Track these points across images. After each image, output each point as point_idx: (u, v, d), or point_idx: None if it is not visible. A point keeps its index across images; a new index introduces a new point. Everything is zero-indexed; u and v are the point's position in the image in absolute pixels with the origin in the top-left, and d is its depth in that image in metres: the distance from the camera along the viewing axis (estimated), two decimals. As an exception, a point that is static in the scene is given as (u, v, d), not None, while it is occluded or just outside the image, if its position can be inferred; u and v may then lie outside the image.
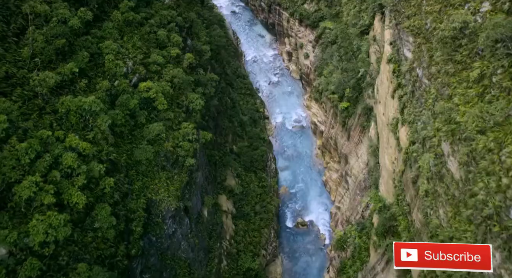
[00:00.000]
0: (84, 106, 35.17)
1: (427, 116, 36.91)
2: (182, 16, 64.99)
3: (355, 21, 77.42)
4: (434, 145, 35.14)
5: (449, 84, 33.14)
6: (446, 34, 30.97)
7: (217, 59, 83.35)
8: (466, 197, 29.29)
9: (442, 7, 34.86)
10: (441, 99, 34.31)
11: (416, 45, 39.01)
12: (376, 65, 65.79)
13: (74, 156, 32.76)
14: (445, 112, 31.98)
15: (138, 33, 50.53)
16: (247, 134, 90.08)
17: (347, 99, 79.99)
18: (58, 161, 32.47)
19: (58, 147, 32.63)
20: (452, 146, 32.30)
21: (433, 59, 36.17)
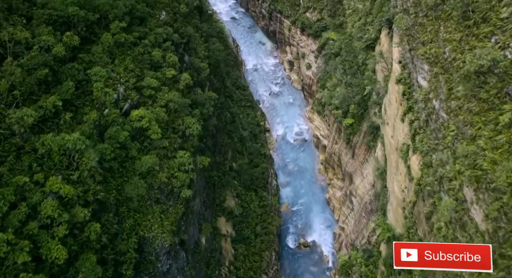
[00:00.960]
0: (67, 145, 31.77)
1: (445, 154, 33.49)
2: (179, 31, 61.63)
3: (360, 35, 73.99)
4: (454, 188, 31.78)
5: (473, 123, 29.75)
6: (471, 69, 27.56)
7: (216, 73, 79.99)
8: (496, 256, 25.90)
9: (464, 36, 31.45)
10: (462, 138, 30.92)
11: (433, 74, 35.61)
12: (384, 84, 62.41)
13: (55, 204, 29.37)
14: (469, 156, 28.58)
15: (131, 54, 47.13)
16: (247, 150, 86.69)
17: (351, 116, 76.64)
18: (36, 209, 29.06)
19: (37, 193, 29.22)
20: (476, 193, 28.92)
21: (452, 92, 32.78)
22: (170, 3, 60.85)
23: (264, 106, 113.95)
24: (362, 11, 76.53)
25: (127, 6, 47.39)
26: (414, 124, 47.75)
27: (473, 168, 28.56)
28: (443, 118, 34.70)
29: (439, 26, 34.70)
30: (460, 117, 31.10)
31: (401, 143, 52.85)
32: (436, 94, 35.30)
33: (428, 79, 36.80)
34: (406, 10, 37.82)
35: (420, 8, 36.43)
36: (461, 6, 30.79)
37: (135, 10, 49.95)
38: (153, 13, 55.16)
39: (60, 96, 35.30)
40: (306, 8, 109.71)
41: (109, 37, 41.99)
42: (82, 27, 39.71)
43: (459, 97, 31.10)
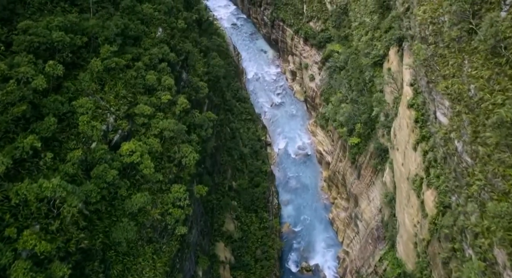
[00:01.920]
0: (45, 193, 28.13)
1: (470, 205, 29.80)
2: (177, 48, 58.03)
3: (367, 50, 70.33)
4: (482, 246, 28.18)
5: (505, 176, 26.13)
6: (506, 119, 23.92)
7: (215, 89, 76.38)
8: None
9: (493, 74, 27.84)
10: (492, 191, 27.28)
11: (455, 112, 31.97)
12: (393, 106, 58.77)
13: (28, 265, 25.72)
14: (504, 217, 24.93)
15: (123, 77, 43.48)
16: (247, 167, 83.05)
17: (357, 135, 72.97)
18: (5, 272, 25.43)
19: (7, 253, 25.57)
20: (511, 258, 25.30)
21: (479, 136, 29.14)
22: (167, 19, 57.25)
23: (265, 118, 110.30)
24: (370, 25, 72.89)
25: (119, 26, 43.73)
26: (429, 156, 44.19)
27: (507, 230, 24.95)
28: (467, 163, 31.05)
29: (463, 60, 31.08)
30: (490, 167, 27.46)
31: (413, 172, 49.24)
32: (459, 135, 31.66)
33: (449, 116, 33.16)
34: (424, 39, 34.30)
35: (441, 37, 32.85)
36: (491, 41, 27.15)
37: (128, 30, 46.32)
38: (149, 31, 51.52)
39: (40, 134, 31.64)
40: (310, 18, 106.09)
41: (98, 63, 38.34)
42: (68, 54, 36.07)
43: (489, 145, 27.48)
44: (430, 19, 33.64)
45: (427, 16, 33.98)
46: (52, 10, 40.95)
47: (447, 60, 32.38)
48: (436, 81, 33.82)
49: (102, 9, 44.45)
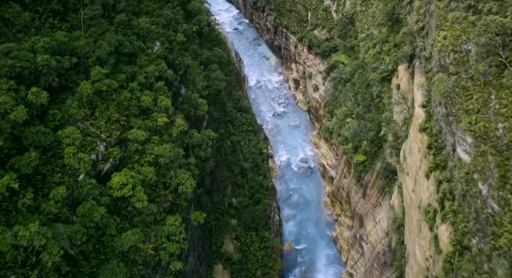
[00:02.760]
0: (21, 242, 25.08)
1: (498, 260, 26.66)
2: (175, 62, 55.04)
3: (375, 65, 67.20)
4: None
5: (541, 235, 23.04)
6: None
7: (216, 102, 73.30)
8: None
9: (527, 115, 24.67)
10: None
11: (479, 152, 28.82)
12: (403, 127, 55.65)
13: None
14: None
15: (116, 99, 40.40)
16: (248, 182, 79.93)
17: (363, 152, 69.81)
18: None
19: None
20: None
21: (509, 182, 26.02)
22: (166, 32, 54.18)
23: (267, 128, 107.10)
24: (378, 38, 69.72)
25: (113, 44, 40.62)
26: (443, 187, 41.13)
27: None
28: (493, 209, 27.93)
29: (490, 95, 27.97)
30: (522, 221, 24.39)
31: (425, 202, 46.11)
32: (484, 178, 28.53)
33: (472, 155, 30.02)
34: (444, 67, 31.22)
35: (463, 68, 29.75)
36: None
37: (123, 47, 43.23)
38: (145, 47, 48.44)
39: (20, 171, 28.56)
40: (314, 26, 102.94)
41: (87, 87, 35.21)
42: (54, 78, 33.00)
43: (521, 195, 24.42)
44: (452, 46, 30.59)
45: (448, 43, 30.94)
46: (39, 27, 37.87)
47: (471, 93, 29.26)
48: (457, 114, 30.70)
49: (95, 25, 41.28)
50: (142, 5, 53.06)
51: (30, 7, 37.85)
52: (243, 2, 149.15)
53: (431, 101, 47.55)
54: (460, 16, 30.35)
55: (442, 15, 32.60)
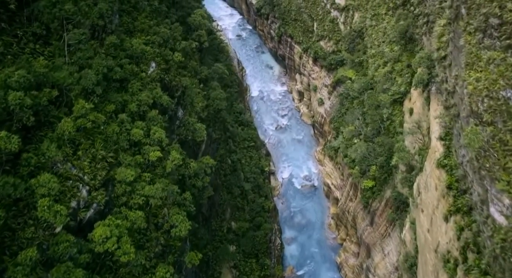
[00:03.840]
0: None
1: None
2: (172, 83, 50.98)
3: (386, 86, 63.03)
4: None
5: None
6: None
7: (216, 121, 69.15)
8: None
9: None
10: None
11: (520, 218, 24.57)
12: (418, 158, 51.42)
13: None
14: None
15: (103, 132, 36.30)
16: (248, 204, 75.84)
17: (372, 177, 65.60)
18: None
19: None
20: None
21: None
22: (162, 51, 50.07)
23: (269, 142, 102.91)
24: (389, 56, 65.49)
25: (101, 71, 36.50)
26: (465, 235, 37.01)
27: None
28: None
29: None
30: None
31: (443, 247, 41.89)
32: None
33: (510, 220, 25.79)
34: (476, 114, 27.11)
35: (501, 118, 25.56)
36: None
37: (113, 73, 39.10)
38: (139, 70, 44.28)
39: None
40: (320, 37, 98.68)
41: (69, 125, 31.14)
42: (29, 117, 28.95)
43: None
44: (487, 91, 26.48)
45: (482, 87, 26.81)
46: (18, 54, 33.76)
47: (510, 149, 25.04)
48: (492, 170, 26.48)
49: (82, 50, 37.11)
50: (137, 22, 48.97)
51: (7, 31, 33.75)
52: (246, 8, 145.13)
53: (450, 135, 43.49)
54: (498, 56, 26.26)
55: (474, 53, 28.50)
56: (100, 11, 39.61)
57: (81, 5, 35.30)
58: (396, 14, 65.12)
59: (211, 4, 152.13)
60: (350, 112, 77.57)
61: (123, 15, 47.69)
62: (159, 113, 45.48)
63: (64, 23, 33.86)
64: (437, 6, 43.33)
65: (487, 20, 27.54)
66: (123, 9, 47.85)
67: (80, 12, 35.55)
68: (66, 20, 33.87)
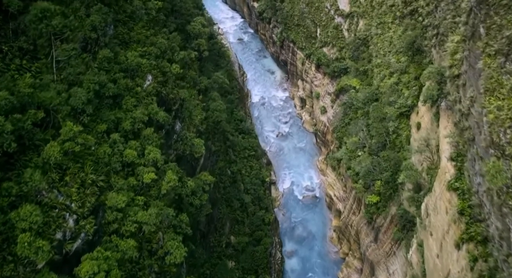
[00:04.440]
0: None
1: None
2: (170, 96, 48.72)
3: (392, 98, 60.67)
4: None
5: None
6: None
7: (215, 132, 66.86)
8: None
9: None
10: None
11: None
12: (426, 177, 49.05)
13: None
14: None
15: (94, 154, 34.02)
16: (248, 217, 73.56)
17: (376, 193, 63.26)
18: None
19: None
20: None
21: None
22: (159, 63, 47.77)
23: (270, 150, 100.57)
24: (396, 67, 63.12)
25: (92, 89, 34.21)
26: (480, 266, 34.71)
27: None
28: None
29: None
30: None
31: (454, 276, 39.60)
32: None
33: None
34: (497, 145, 24.72)
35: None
36: None
37: (105, 89, 36.80)
38: (134, 84, 41.99)
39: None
40: (324, 43, 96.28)
41: (55, 150, 28.85)
42: (11, 143, 26.69)
43: None
44: (510, 122, 24.16)
45: (505, 117, 24.49)
46: (3, 71, 31.47)
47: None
48: None
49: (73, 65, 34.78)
50: (133, 33, 46.68)
51: (-9, 47, 31.49)
52: (248, 11, 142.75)
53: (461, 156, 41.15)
54: (523, 84, 24.01)
55: (495, 78, 26.18)
56: (92, 24, 37.34)
57: (70, 20, 32.94)
58: (403, 23, 62.83)
59: (212, 7, 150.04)
60: (354, 123, 75.24)
61: (119, 26, 45.44)
62: (155, 128, 43.40)
63: (52, 38, 31.54)
64: (449, 20, 41.00)
65: (510, 44, 25.19)
66: (119, 19, 45.58)
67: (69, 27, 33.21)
68: (54, 36, 31.54)
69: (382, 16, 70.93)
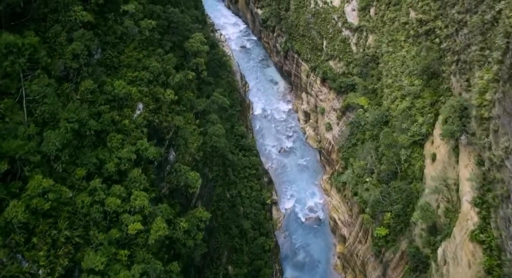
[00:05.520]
0: None
1: None
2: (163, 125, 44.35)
3: (405, 125, 56.14)
4: None
5: None
6: None
7: (213, 155, 62.42)
8: None
9: None
10: None
11: None
12: (444, 219, 44.56)
13: None
14: None
15: (69, 203, 29.61)
16: (247, 244, 69.12)
17: (386, 225, 58.73)
18: None
19: None
20: None
21: None
22: (152, 89, 43.37)
23: (272, 167, 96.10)
24: (409, 90, 58.59)
25: (69, 130, 29.78)
26: None
27: None
28: None
29: None
30: None
31: None
32: None
33: None
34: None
35: None
36: None
37: (85, 128, 32.37)
38: (121, 117, 37.57)
39: None
40: (330, 56, 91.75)
41: (19, 210, 24.54)
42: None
43: None
44: None
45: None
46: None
47: None
48: None
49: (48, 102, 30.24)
50: (123, 56, 42.22)
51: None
52: (251, 17, 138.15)
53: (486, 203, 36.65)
54: None
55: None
56: (73, 52, 32.96)
57: (41, 55, 28.48)
58: (418, 44, 58.29)
59: (214, 11, 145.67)
60: (361, 146, 70.79)
61: (107, 49, 40.97)
62: (145, 163, 39.09)
63: (21, 76, 27.16)
64: (476, 52, 36.46)
65: None
66: (107, 42, 41.12)
67: (41, 63, 28.80)
68: (23, 73, 27.17)
69: (394, 33, 66.40)
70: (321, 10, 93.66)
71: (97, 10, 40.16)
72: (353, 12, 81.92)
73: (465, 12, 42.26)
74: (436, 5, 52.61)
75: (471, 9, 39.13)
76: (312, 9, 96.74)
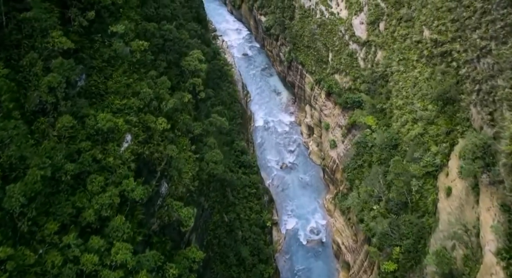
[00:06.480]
0: None
1: None
2: (154, 156, 40.38)
3: (418, 154, 51.99)
4: None
5: None
6: None
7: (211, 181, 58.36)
8: None
9: None
10: None
11: None
12: (463, 268, 40.36)
13: None
14: None
15: (37, 266, 25.64)
16: (245, 272, 65.02)
17: (394, 260, 54.57)
18: None
19: None
20: None
21: None
22: (142, 118, 39.40)
23: (272, 184, 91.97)
24: (421, 115, 54.44)
25: (39, 179, 25.79)
26: None
27: None
28: None
29: None
30: None
31: None
32: None
33: None
34: None
35: None
36: None
37: (60, 173, 28.36)
38: (105, 154, 33.58)
39: None
40: (336, 70, 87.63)
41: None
42: None
43: None
44: None
45: None
46: None
47: None
48: None
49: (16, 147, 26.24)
50: (110, 82, 38.26)
51: None
52: (255, 24, 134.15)
53: None
54: None
55: None
56: (49, 85, 28.98)
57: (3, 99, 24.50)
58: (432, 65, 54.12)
59: (217, 15, 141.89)
60: (368, 169, 66.69)
61: (93, 74, 37.08)
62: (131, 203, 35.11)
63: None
64: (506, 90, 32.27)
65: None
66: (93, 66, 37.21)
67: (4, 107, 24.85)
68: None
69: (406, 51, 62.24)
70: (327, 21, 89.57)
71: (81, 32, 36.31)
72: (361, 25, 77.79)
73: (489, 39, 38.11)
74: (454, 27, 48.45)
75: (498, 37, 34.99)
76: (318, 20, 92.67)
